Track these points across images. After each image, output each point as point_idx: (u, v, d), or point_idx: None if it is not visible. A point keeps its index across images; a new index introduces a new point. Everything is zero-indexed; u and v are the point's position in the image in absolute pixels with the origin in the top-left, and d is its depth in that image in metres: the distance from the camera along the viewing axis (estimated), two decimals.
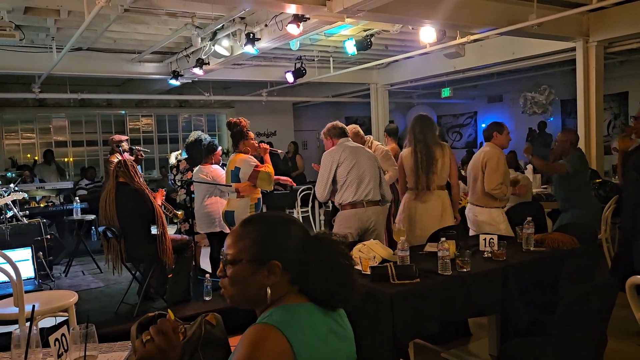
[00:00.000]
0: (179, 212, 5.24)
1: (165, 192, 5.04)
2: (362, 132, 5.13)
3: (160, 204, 4.56)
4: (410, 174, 4.41)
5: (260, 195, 4.77)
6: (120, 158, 6.42)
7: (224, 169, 5.13)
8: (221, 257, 1.52)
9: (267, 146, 4.92)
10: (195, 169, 5.34)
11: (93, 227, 7.39)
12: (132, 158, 6.68)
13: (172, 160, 6.25)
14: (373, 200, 4.12)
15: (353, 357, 1.53)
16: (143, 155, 6.65)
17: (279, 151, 5.69)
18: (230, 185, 4.68)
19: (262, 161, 4.75)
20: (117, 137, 6.79)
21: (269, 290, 1.45)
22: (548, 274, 3.19)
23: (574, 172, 4.59)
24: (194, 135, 5.63)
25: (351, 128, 4.86)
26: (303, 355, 1.33)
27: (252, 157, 4.71)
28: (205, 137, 5.51)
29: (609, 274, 4.55)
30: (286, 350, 1.31)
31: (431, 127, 4.41)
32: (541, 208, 5.08)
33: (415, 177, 4.35)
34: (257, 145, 4.84)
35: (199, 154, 5.42)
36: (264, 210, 7.98)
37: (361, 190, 4.07)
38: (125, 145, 6.68)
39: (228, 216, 4.70)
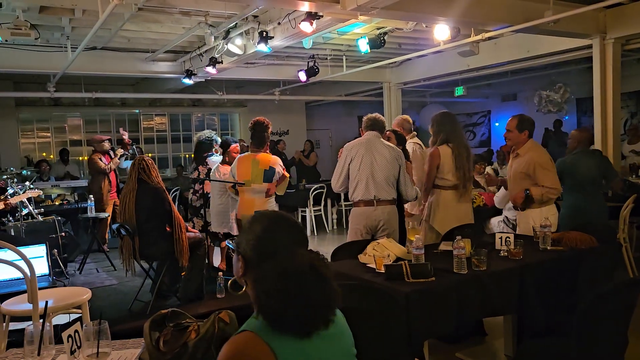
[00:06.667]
0: None
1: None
2: (408, 125, 4.98)
3: None
4: (452, 173, 4.14)
5: None
6: (99, 157, 6.97)
7: None
8: None
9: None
10: (213, 168, 5.40)
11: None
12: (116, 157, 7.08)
13: None
14: (385, 199, 4.04)
15: (350, 354, 1.48)
16: (121, 152, 7.22)
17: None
18: (243, 183, 4.67)
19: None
20: (98, 137, 7.40)
21: (242, 281, 1.51)
22: (566, 273, 3.14)
23: (560, 172, 4.23)
24: (199, 135, 5.94)
25: (400, 119, 4.90)
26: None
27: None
28: (210, 136, 5.77)
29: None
30: (268, 357, 1.28)
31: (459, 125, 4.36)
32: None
33: (459, 176, 4.12)
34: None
35: (202, 153, 5.72)
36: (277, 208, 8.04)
37: (371, 188, 4.00)
38: (106, 145, 7.08)
39: None
